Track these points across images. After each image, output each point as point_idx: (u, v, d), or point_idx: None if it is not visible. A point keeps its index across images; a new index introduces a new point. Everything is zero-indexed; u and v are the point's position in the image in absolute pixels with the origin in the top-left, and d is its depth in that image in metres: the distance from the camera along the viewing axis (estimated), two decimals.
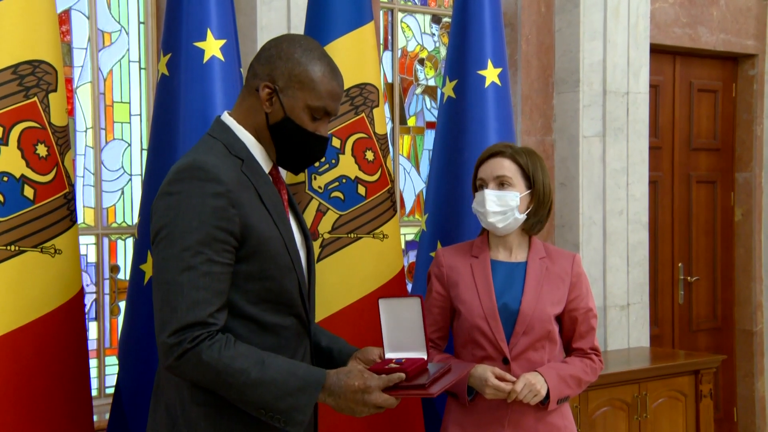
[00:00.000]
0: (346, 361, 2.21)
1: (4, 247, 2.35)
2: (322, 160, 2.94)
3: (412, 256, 4.56)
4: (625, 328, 4.97)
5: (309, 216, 2.93)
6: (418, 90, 4.79)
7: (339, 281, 2.91)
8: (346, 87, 2.95)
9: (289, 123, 2.08)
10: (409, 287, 3.49)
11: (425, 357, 2.16)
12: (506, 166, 2.60)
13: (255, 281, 2.02)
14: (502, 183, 2.59)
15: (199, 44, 2.73)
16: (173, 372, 1.95)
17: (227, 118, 2.12)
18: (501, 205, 2.58)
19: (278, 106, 2.07)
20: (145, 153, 3.81)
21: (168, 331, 1.90)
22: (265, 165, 2.12)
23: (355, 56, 3.00)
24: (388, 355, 2.17)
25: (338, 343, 2.29)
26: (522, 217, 2.61)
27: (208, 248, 1.92)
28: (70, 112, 3.72)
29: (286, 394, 1.94)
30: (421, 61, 4.80)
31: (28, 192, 2.40)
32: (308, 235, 2.22)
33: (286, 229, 2.08)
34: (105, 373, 3.83)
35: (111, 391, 3.52)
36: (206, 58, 2.73)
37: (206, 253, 1.92)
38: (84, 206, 3.81)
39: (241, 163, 2.05)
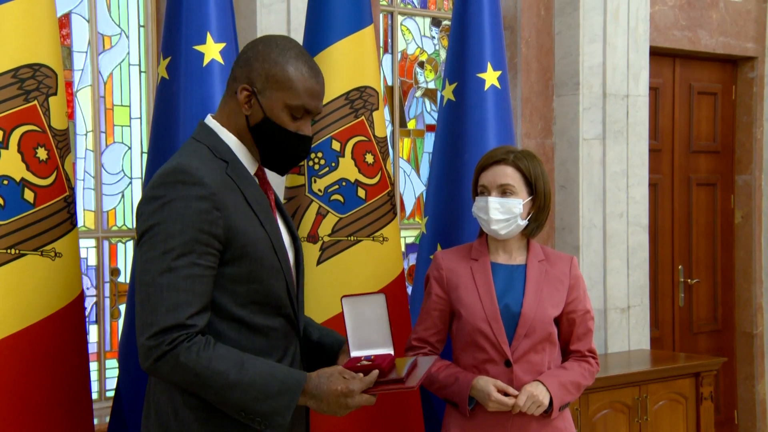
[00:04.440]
0: (338, 354, 2.23)
1: (5, 251, 2.35)
2: (321, 164, 2.94)
3: (413, 258, 4.56)
4: (625, 330, 4.96)
5: (309, 219, 2.93)
6: (418, 93, 4.79)
7: (339, 284, 2.91)
8: (346, 90, 2.97)
9: (269, 124, 2.07)
10: (409, 290, 3.49)
11: (392, 352, 2.16)
12: (509, 174, 2.60)
13: (242, 283, 2.01)
14: (504, 191, 2.59)
15: (198, 47, 2.73)
16: (152, 374, 1.96)
17: (211, 121, 2.12)
18: (504, 212, 2.59)
19: (257, 107, 2.07)
20: (145, 156, 3.81)
21: (147, 334, 1.91)
22: (251, 167, 2.12)
23: (354, 59, 3.00)
24: (354, 353, 2.15)
25: (330, 336, 2.29)
26: (524, 223, 2.62)
27: (190, 251, 1.92)
28: (71, 116, 3.72)
29: (265, 397, 1.94)
30: (421, 64, 4.80)
31: (29, 195, 2.40)
32: (296, 236, 2.22)
33: (273, 231, 2.08)
34: (105, 376, 3.83)
35: (111, 394, 3.52)
36: (206, 61, 2.73)
37: (188, 256, 1.92)
38: (84, 209, 3.81)
39: (225, 166, 2.05)
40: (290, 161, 2.15)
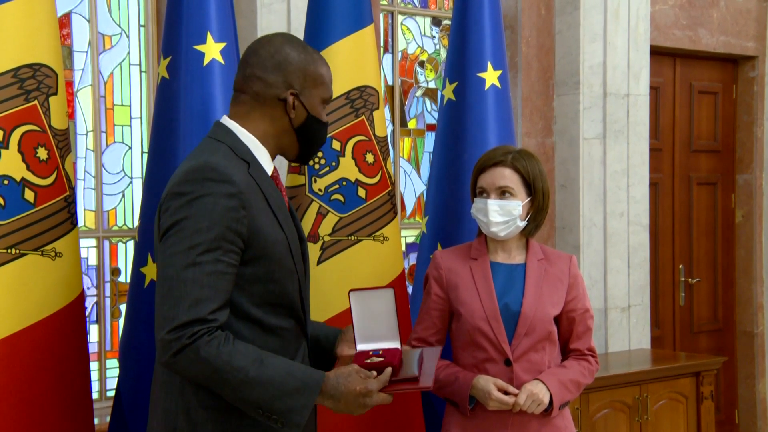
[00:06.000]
0: (334, 345, 2.25)
1: (5, 251, 2.36)
2: (321, 163, 2.94)
3: (413, 258, 4.56)
4: (626, 329, 4.96)
5: (309, 218, 2.93)
6: (419, 92, 4.79)
7: (339, 283, 2.91)
8: (346, 89, 2.98)
9: (313, 120, 2.15)
10: (410, 289, 3.49)
11: (399, 346, 2.17)
12: (508, 176, 2.59)
13: (260, 284, 2.02)
14: (503, 193, 2.59)
15: (199, 47, 2.73)
16: (170, 368, 1.95)
17: (229, 122, 2.13)
18: (503, 214, 2.59)
19: (301, 108, 2.13)
20: (145, 156, 3.82)
21: (168, 328, 1.90)
22: (267, 168, 2.13)
23: (355, 59, 3.00)
24: (361, 347, 2.16)
25: (320, 328, 2.32)
26: (523, 224, 2.62)
27: (216, 247, 1.93)
28: (71, 116, 3.72)
29: (283, 395, 1.95)
30: (422, 64, 4.80)
31: (29, 195, 2.41)
32: (303, 239, 2.23)
33: (290, 233, 2.10)
34: (106, 376, 3.83)
35: (112, 393, 3.52)
36: (206, 61, 2.73)
37: (214, 252, 1.93)
38: (85, 209, 3.81)
39: (247, 166, 2.06)
40: (318, 149, 2.25)
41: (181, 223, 1.94)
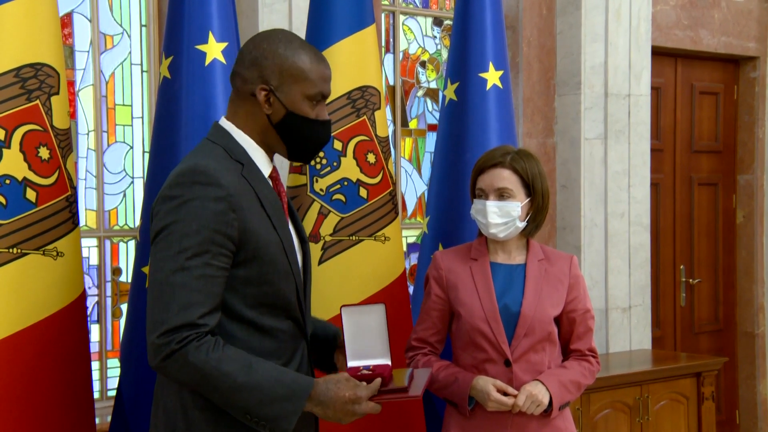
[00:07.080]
0: (332, 343, 2.25)
1: (7, 250, 2.36)
2: (322, 163, 2.94)
3: (414, 258, 4.57)
4: (626, 330, 4.96)
5: (311, 218, 2.93)
6: (420, 92, 4.79)
7: (340, 284, 2.92)
8: (347, 90, 2.97)
9: (293, 117, 2.09)
10: (411, 290, 3.49)
11: (389, 363, 2.16)
12: (506, 177, 2.59)
13: (253, 285, 2.02)
14: (502, 194, 2.59)
15: (200, 47, 2.73)
16: (160, 372, 1.96)
17: (226, 123, 2.13)
18: (502, 216, 2.58)
19: (278, 104, 2.09)
20: (146, 156, 3.82)
21: (158, 332, 1.91)
22: (265, 169, 2.13)
23: (356, 59, 3.00)
24: (351, 363, 2.15)
25: (323, 328, 2.31)
26: (522, 225, 2.62)
27: (205, 251, 1.93)
28: (72, 115, 3.72)
29: (271, 401, 1.94)
30: (423, 64, 4.80)
31: (31, 195, 2.41)
32: (305, 240, 2.22)
33: (285, 234, 2.09)
34: (107, 376, 3.83)
35: (113, 393, 3.52)
36: (208, 60, 2.73)
37: (203, 256, 1.93)
38: (86, 209, 3.81)
39: (241, 168, 2.06)
40: (316, 149, 2.18)
41: (170, 227, 1.94)
